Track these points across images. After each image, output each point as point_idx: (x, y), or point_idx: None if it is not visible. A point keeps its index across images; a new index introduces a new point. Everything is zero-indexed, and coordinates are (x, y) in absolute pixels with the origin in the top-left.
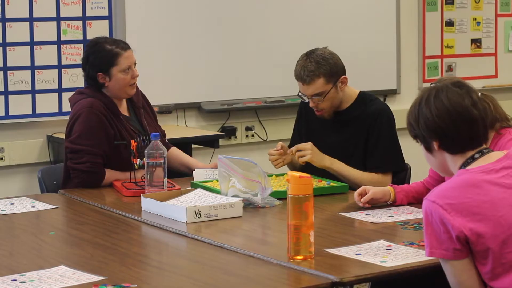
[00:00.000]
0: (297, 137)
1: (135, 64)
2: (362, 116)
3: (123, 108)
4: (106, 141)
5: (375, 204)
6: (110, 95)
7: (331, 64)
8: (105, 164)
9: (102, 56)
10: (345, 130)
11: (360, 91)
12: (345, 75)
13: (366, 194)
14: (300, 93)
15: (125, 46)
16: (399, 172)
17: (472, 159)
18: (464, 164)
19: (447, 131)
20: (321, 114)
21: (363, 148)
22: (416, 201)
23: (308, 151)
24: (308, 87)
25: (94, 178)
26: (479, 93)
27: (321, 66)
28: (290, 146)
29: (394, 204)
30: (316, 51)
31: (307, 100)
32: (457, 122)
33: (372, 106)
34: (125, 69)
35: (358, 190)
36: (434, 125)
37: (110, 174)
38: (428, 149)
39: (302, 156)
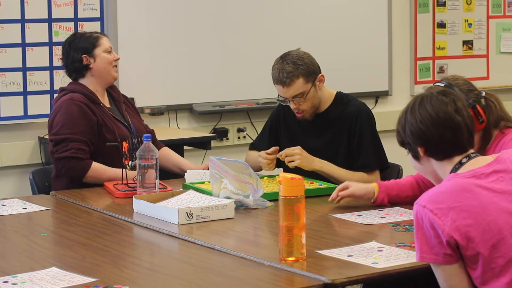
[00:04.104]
0: (268, 140)
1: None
2: (342, 117)
3: (105, 100)
4: (89, 129)
5: (357, 199)
6: (94, 80)
7: (308, 63)
8: (92, 153)
9: (85, 40)
10: (326, 132)
11: (337, 92)
12: (321, 73)
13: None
14: (280, 97)
15: (102, 33)
16: (385, 169)
17: (460, 164)
18: (453, 170)
19: (430, 137)
20: (302, 115)
21: (346, 149)
22: (399, 198)
23: (297, 156)
24: (289, 89)
25: (79, 165)
26: (483, 93)
27: (299, 66)
28: (256, 144)
29: (374, 203)
30: (290, 53)
31: (288, 104)
32: (439, 128)
33: (350, 106)
34: (107, 50)
35: (339, 186)
36: (418, 131)
37: (98, 166)
38: (416, 156)
39: (291, 161)
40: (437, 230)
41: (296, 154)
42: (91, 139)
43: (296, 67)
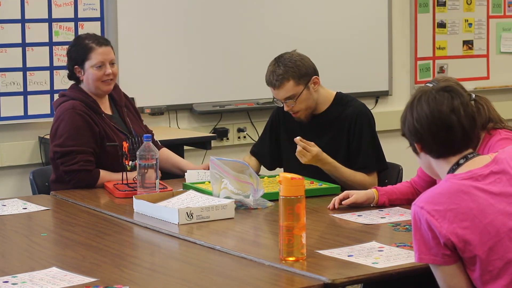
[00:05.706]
0: (269, 140)
1: (112, 62)
2: (341, 118)
3: (106, 107)
4: (93, 139)
5: (359, 206)
6: (88, 90)
7: (300, 66)
8: (96, 163)
9: (78, 50)
10: (326, 133)
11: (337, 92)
12: (316, 75)
13: (348, 198)
14: (274, 99)
15: (102, 42)
16: (384, 170)
17: (457, 165)
18: (451, 170)
19: (425, 137)
20: (297, 116)
21: (345, 150)
22: (400, 202)
23: (309, 155)
24: (279, 91)
25: (89, 176)
26: (473, 95)
27: (289, 69)
28: (256, 148)
29: (376, 205)
30: (284, 55)
31: (282, 105)
32: (433, 128)
33: (350, 107)
34: (96, 65)
35: (340, 196)
36: (414, 129)
37: (104, 173)
38: (414, 150)
39: (302, 155)
40: (435, 231)
41: (308, 155)
42: (95, 148)
43: (286, 70)
